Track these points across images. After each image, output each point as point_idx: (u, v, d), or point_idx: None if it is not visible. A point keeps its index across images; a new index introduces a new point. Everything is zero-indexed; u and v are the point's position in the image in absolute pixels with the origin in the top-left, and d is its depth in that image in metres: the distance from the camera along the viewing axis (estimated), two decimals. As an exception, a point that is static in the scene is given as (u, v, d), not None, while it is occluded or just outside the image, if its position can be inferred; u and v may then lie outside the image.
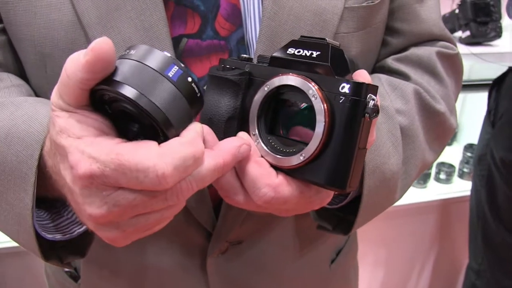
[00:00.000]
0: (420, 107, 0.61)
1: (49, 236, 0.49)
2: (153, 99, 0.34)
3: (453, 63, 0.67)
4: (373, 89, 0.39)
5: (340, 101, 0.38)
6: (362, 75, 0.42)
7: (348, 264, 0.79)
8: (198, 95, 0.38)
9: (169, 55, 0.36)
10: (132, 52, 0.36)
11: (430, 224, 1.93)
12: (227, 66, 0.45)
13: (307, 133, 0.40)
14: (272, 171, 0.42)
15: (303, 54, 0.41)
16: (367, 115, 0.38)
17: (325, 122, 0.38)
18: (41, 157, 0.44)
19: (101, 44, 0.33)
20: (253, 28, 0.54)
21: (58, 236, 0.50)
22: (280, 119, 0.44)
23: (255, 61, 0.46)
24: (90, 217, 0.36)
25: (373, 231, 1.79)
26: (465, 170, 1.94)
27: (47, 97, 0.54)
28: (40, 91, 0.57)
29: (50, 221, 0.50)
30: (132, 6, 0.50)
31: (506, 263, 1.57)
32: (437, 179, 1.92)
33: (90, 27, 0.50)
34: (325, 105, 0.38)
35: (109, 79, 0.35)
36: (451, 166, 1.92)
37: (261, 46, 0.52)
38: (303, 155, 0.40)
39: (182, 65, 0.36)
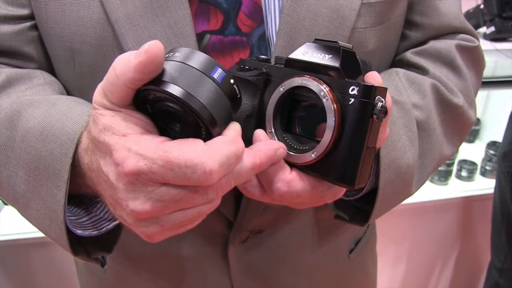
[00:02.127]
0: (437, 101, 0.61)
1: (78, 232, 0.50)
2: (200, 98, 0.36)
3: (473, 55, 0.67)
4: (382, 91, 0.40)
5: (350, 103, 0.40)
6: (373, 77, 0.44)
7: (366, 255, 0.80)
8: (238, 96, 0.40)
9: (210, 57, 0.38)
10: (177, 54, 0.38)
11: (451, 222, 1.92)
12: (246, 67, 0.48)
13: (320, 132, 0.42)
14: (286, 167, 0.44)
15: (316, 57, 0.44)
16: (375, 116, 0.40)
17: (335, 122, 0.40)
18: (75, 155, 0.45)
19: (153, 46, 0.35)
20: (273, 25, 0.55)
21: (87, 232, 0.51)
22: (295, 118, 0.46)
23: (272, 62, 0.48)
24: (132, 213, 0.37)
25: (394, 228, 1.79)
26: (487, 168, 1.92)
27: (75, 92, 0.57)
28: (69, 86, 0.59)
29: (84, 216, 0.52)
30: (158, 4, 0.52)
31: None
32: (459, 176, 1.90)
33: (118, 24, 0.52)
34: (335, 106, 0.40)
35: (157, 80, 0.36)
36: (473, 163, 1.90)
37: (281, 42, 0.54)
38: (315, 152, 0.42)
39: (224, 67, 0.38)
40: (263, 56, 0.48)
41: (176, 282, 0.67)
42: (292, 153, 0.44)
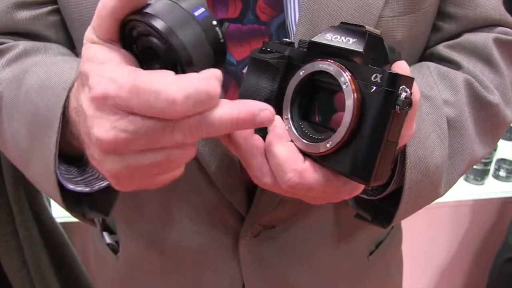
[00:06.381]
0: (470, 98, 0.58)
1: (70, 186, 0.50)
2: (180, 35, 0.36)
3: None
4: (408, 81, 0.37)
5: (371, 91, 0.37)
6: (400, 67, 0.41)
7: (389, 257, 0.77)
8: (221, 41, 0.38)
9: None
10: None
11: (487, 224, 1.85)
12: (268, 49, 0.45)
13: (338, 121, 0.40)
14: (300, 156, 0.41)
15: (340, 40, 0.41)
16: (398, 107, 0.37)
17: (353, 111, 0.38)
18: (67, 106, 0.44)
19: None
20: (293, 12, 0.53)
21: (79, 188, 0.51)
22: (314, 105, 0.43)
23: (296, 45, 0.46)
24: (97, 142, 0.36)
25: (425, 228, 1.75)
26: (528, 168, 1.83)
27: None
28: None
29: (78, 175, 0.52)
30: None
31: None
32: (496, 176, 1.82)
33: None
34: (355, 94, 0.38)
35: (142, 12, 0.37)
36: (512, 163, 1.82)
37: (301, 29, 0.52)
38: (330, 142, 0.39)
39: (208, 8, 0.38)
40: (287, 40, 0.46)
41: (187, 272, 0.67)
42: (307, 142, 0.41)
